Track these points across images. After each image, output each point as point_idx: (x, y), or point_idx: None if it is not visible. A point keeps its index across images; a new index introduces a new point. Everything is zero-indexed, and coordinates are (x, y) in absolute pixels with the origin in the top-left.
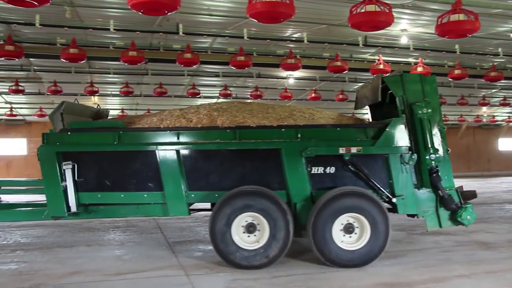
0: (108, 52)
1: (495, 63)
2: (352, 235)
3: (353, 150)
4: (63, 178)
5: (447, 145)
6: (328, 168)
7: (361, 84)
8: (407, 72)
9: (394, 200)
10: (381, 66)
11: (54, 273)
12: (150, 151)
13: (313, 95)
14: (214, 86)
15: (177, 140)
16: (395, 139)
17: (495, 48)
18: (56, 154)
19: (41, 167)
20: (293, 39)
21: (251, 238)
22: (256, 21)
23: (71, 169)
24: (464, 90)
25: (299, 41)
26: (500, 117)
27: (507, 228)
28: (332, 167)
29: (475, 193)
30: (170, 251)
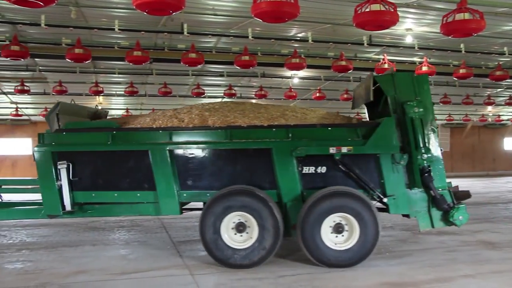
0: (113, 52)
1: (501, 62)
2: (342, 235)
3: (344, 150)
4: (58, 178)
5: (440, 145)
6: (319, 168)
7: (358, 83)
8: (400, 71)
9: (385, 200)
10: (386, 66)
11: (60, 272)
12: (143, 151)
13: (318, 95)
14: (219, 86)
15: (169, 140)
16: (386, 139)
17: (501, 47)
18: (52, 154)
19: (37, 167)
20: (298, 39)
21: (243, 237)
22: (261, 21)
23: (66, 169)
24: (469, 90)
25: (304, 41)
26: (506, 117)
27: None
28: (323, 167)
29: (469, 193)
30: (175, 251)
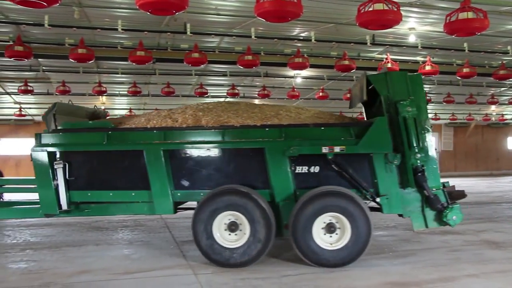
0: (116, 52)
1: (504, 61)
2: (334, 235)
3: (336, 149)
4: (55, 177)
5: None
6: (312, 168)
7: (354, 83)
8: (393, 71)
9: (378, 200)
10: (389, 65)
11: (63, 272)
12: (137, 151)
13: (321, 94)
14: (222, 86)
15: (163, 140)
16: (379, 138)
17: (504, 46)
18: (48, 154)
19: (34, 167)
20: (301, 38)
21: (238, 235)
22: (264, 21)
23: (62, 168)
24: (473, 89)
25: (307, 40)
26: (509, 116)
27: None
28: (317, 167)
29: (464, 193)
30: (178, 251)
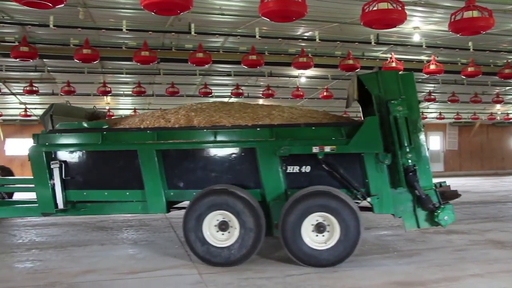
0: (121, 52)
1: (509, 60)
2: (323, 235)
3: (327, 149)
4: (52, 177)
5: (425, 143)
6: (304, 167)
7: (349, 82)
8: (385, 70)
9: (369, 200)
10: (394, 64)
11: (69, 272)
12: (131, 151)
13: (325, 94)
14: (226, 85)
15: (156, 140)
16: (370, 138)
17: (509, 45)
18: (45, 154)
19: (32, 166)
20: (305, 38)
21: (230, 232)
22: (268, 20)
23: (59, 168)
24: (478, 88)
25: (311, 40)
26: None
27: None
28: (308, 166)
29: (457, 193)
30: (183, 250)
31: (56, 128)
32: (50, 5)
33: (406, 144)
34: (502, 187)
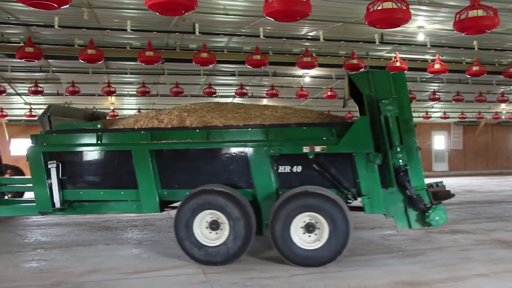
0: (125, 53)
1: None
2: (312, 234)
3: (317, 149)
4: (49, 176)
5: (417, 143)
6: (295, 167)
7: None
8: (376, 69)
9: (360, 200)
10: (398, 64)
11: (74, 271)
12: (126, 151)
13: (329, 93)
14: (230, 85)
15: (149, 140)
16: (360, 138)
17: None
18: (43, 154)
19: (30, 166)
20: (309, 37)
21: (222, 229)
22: (272, 20)
23: (56, 168)
24: (482, 87)
25: (315, 39)
26: None
27: None
28: (299, 166)
29: (450, 193)
30: None
31: (53, 129)
32: (55, 6)
33: (397, 144)
34: (507, 187)
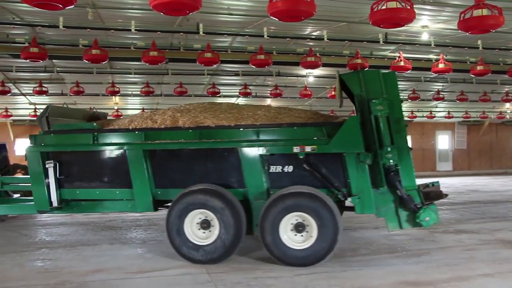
0: (129, 53)
1: None
2: (301, 234)
3: (308, 149)
4: (47, 176)
5: (407, 143)
6: (286, 167)
7: None
8: (367, 69)
9: (350, 200)
10: (402, 63)
11: (78, 271)
12: (120, 151)
13: (333, 93)
14: (234, 85)
15: (143, 140)
16: (350, 138)
17: None
18: (41, 154)
19: (28, 166)
20: (313, 37)
21: (214, 226)
22: (276, 20)
23: (53, 167)
24: (487, 86)
25: (319, 39)
26: None
27: None
28: (290, 166)
29: (442, 193)
30: None
31: (51, 129)
32: (60, 6)
33: (387, 144)
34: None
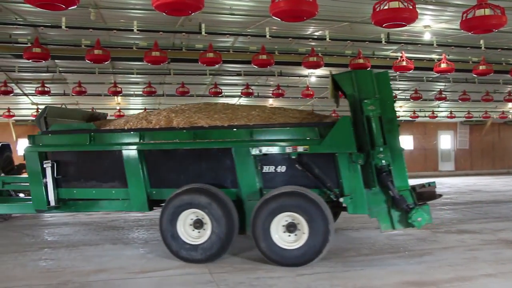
0: (132, 53)
1: None
2: (292, 234)
3: (300, 149)
4: (44, 175)
5: (400, 143)
6: (279, 167)
7: None
8: (360, 69)
9: (342, 200)
10: (404, 63)
11: (81, 271)
12: (116, 151)
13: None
14: (236, 85)
15: (138, 141)
16: (342, 138)
17: None
18: (39, 154)
19: (27, 166)
20: (315, 37)
21: (206, 223)
22: (278, 20)
23: (51, 167)
24: (489, 86)
25: (321, 39)
26: None
27: None
28: (283, 166)
29: (435, 194)
30: None
31: (48, 130)
32: (63, 7)
33: (380, 144)
34: None
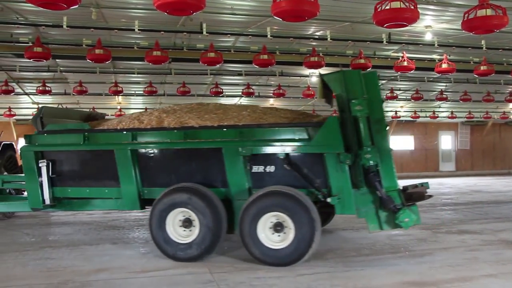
0: (133, 52)
1: None
2: (279, 234)
3: (288, 149)
4: (40, 174)
5: (389, 144)
6: (268, 167)
7: None
8: (348, 69)
9: (329, 200)
10: (405, 63)
11: (81, 270)
12: (109, 150)
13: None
14: (237, 85)
15: (130, 140)
16: (330, 138)
17: None
18: (34, 153)
19: (23, 165)
20: (316, 37)
21: (195, 223)
22: (280, 20)
23: (46, 166)
24: (490, 87)
25: (322, 39)
26: None
27: None
28: (272, 166)
29: (424, 194)
30: None
31: (44, 129)
32: (65, 6)
33: (366, 144)
34: None
